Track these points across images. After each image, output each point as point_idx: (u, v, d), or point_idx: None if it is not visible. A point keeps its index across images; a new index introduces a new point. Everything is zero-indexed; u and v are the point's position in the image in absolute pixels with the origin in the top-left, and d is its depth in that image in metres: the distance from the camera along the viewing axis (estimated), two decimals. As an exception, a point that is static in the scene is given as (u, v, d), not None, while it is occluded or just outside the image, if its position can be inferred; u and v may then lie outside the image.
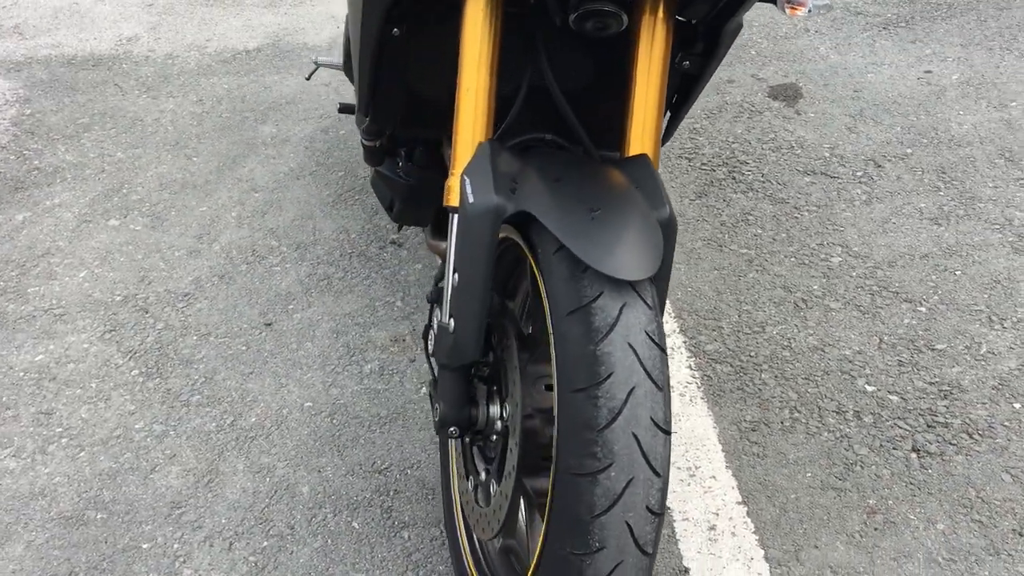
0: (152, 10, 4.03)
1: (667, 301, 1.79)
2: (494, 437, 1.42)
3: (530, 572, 1.25)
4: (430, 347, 1.51)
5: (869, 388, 1.98)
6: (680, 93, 1.61)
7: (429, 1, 1.42)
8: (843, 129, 2.91)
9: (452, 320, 1.33)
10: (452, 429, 1.39)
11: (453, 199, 1.36)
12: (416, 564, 1.67)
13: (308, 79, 2.72)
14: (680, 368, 2.05)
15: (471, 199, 1.28)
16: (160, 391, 2.06)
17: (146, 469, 1.87)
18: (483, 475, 1.43)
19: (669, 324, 2.16)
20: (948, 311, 2.18)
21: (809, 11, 1.42)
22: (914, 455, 1.83)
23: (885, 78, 3.20)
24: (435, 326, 1.48)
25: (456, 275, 1.31)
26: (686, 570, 1.63)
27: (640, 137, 1.40)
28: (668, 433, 1.16)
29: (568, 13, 1.37)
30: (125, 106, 3.24)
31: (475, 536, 1.56)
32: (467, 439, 1.50)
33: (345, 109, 2.27)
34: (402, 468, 1.86)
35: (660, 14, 1.36)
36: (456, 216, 1.35)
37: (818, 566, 1.63)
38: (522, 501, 1.43)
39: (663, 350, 1.18)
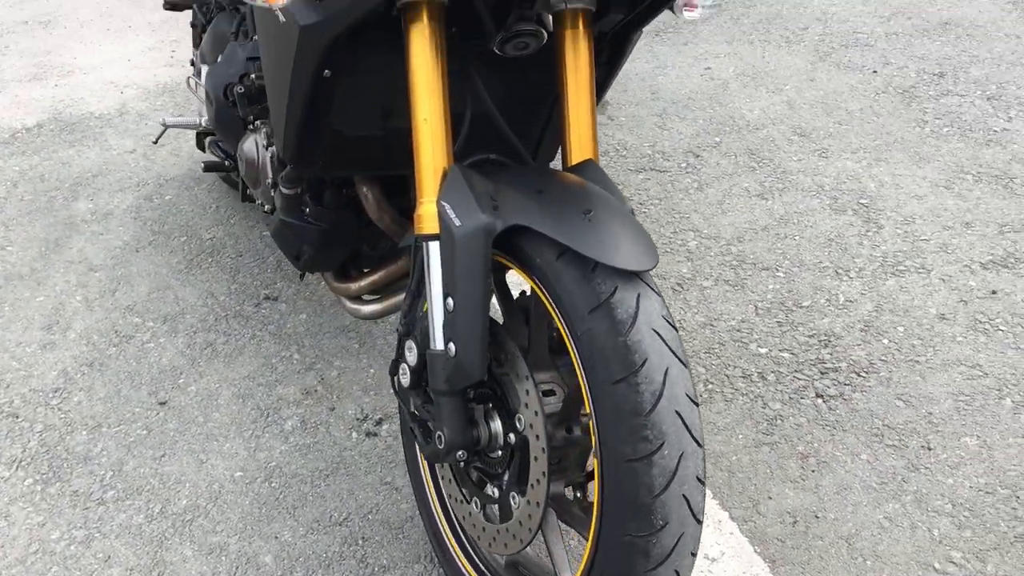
0: (-102, 99, 3.64)
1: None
2: (498, 453, 1.44)
3: (583, 566, 1.29)
4: (404, 382, 1.51)
5: (762, 350, 2.17)
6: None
7: (367, 39, 1.43)
8: (655, 128, 3.14)
9: (451, 344, 1.34)
10: (460, 453, 1.40)
11: (428, 227, 1.37)
12: (411, 603, 1.65)
13: (156, 142, 2.59)
14: (591, 366, 2.14)
15: (457, 223, 1.31)
16: (66, 495, 1.89)
17: (81, 578, 1.72)
18: (495, 492, 1.45)
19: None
20: (801, 272, 2.43)
21: (701, 10, 1.57)
22: (820, 400, 2.03)
23: (673, 79, 3.48)
24: (409, 359, 1.48)
25: (449, 300, 1.33)
26: (666, 546, 1.72)
27: (579, 145, 1.47)
28: (698, 404, 1.25)
29: (502, 37, 1.43)
30: (-96, 204, 2.92)
31: (481, 556, 1.57)
32: (462, 463, 1.50)
33: (212, 167, 2.19)
34: (362, 515, 1.82)
35: (581, 28, 1.45)
36: (432, 244, 1.37)
37: (778, 514, 1.77)
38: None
39: (677, 329, 1.26)
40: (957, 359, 2.12)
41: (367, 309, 1.97)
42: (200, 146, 2.62)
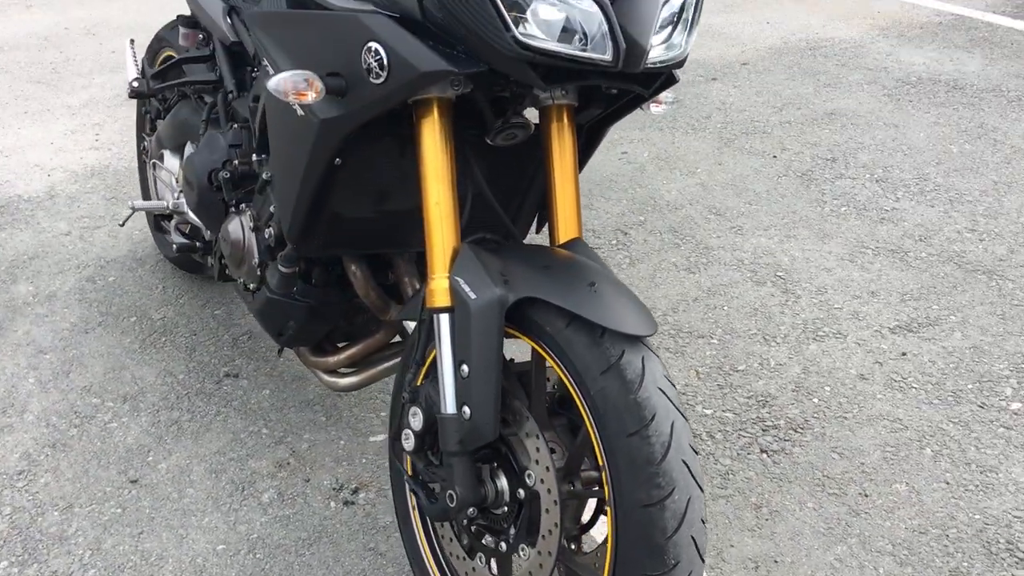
0: None
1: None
2: (503, 509, 1.55)
3: (598, 609, 1.41)
4: (408, 446, 1.61)
5: (707, 411, 2.35)
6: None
7: (374, 129, 1.56)
8: (584, 208, 3.35)
9: (465, 408, 1.46)
10: (471, 510, 1.51)
11: (440, 301, 1.50)
12: (409, 662, 1.72)
13: (122, 225, 2.61)
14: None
15: (472, 296, 1.44)
16: (45, 576, 1.89)
17: (72, 658, 1.72)
18: (502, 546, 1.55)
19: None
20: (733, 339, 2.63)
21: (665, 106, 1.77)
22: (764, 455, 2.21)
23: (594, 162, 3.71)
24: (413, 424, 1.59)
25: (464, 367, 1.45)
26: (642, 595, 1.84)
27: (566, 224, 1.63)
28: (698, 454, 1.40)
29: (498, 129, 1.59)
30: None
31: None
32: (465, 520, 1.60)
33: (184, 249, 2.25)
34: (350, 580, 1.88)
35: (565, 121, 1.62)
36: (443, 316, 1.50)
37: (741, 560, 1.92)
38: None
39: (675, 387, 1.41)
40: (879, 414, 2.34)
41: (344, 382, 2.05)
42: (158, 228, 2.67)
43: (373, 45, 1.40)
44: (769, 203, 3.41)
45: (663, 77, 1.50)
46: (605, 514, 1.55)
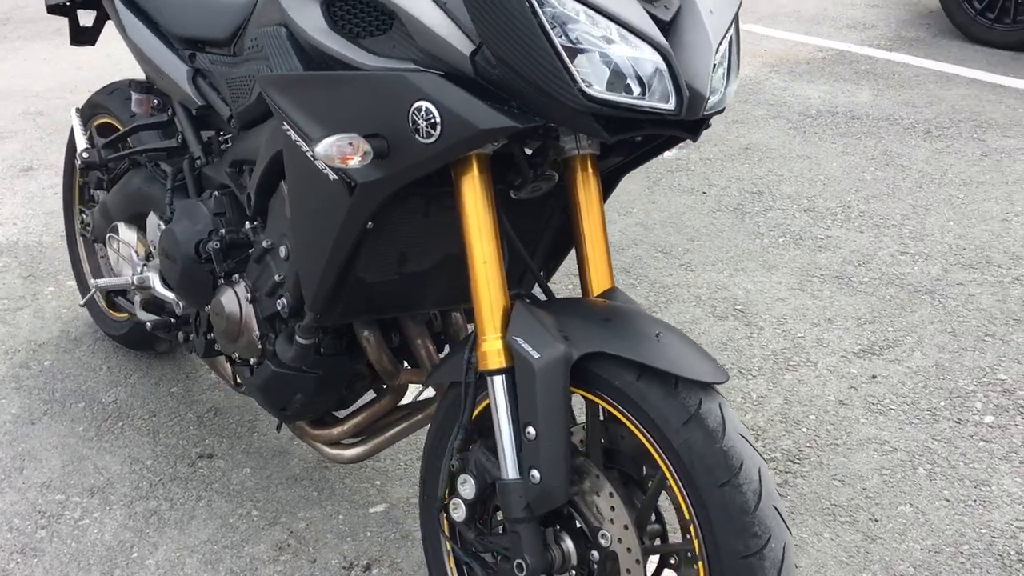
0: None
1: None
2: (571, 573, 1.49)
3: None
4: (457, 517, 1.54)
5: (704, 451, 2.34)
6: (567, 233, 1.85)
7: (406, 190, 1.49)
8: (532, 255, 3.33)
9: (534, 472, 1.40)
10: (541, 577, 1.45)
11: (494, 362, 1.45)
12: None
13: (83, 305, 2.42)
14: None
15: (535, 355, 1.39)
16: None
17: None
18: (574, 612, 1.49)
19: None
20: (710, 376, 2.65)
21: (678, 150, 1.78)
22: (770, 490, 2.21)
23: (531, 208, 3.71)
24: (464, 492, 1.52)
25: (530, 428, 1.40)
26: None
27: (598, 275, 1.61)
28: (783, 497, 1.38)
29: (529, 182, 1.56)
30: None
31: None
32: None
33: (159, 326, 2.10)
34: (384, 665, 1.78)
35: (590, 170, 1.61)
36: (498, 378, 1.44)
37: (775, 599, 1.91)
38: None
39: (751, 431, 1.40)
40: (867, 438, 2.39)
41: (350, 453, 1.96)
42: (111, 305, 2.50)
43: (423, 104, 1.35)
44: (710, 238, 3.47)
45: (706, 123, 1.50)
46: (670, 567, 1.52)
